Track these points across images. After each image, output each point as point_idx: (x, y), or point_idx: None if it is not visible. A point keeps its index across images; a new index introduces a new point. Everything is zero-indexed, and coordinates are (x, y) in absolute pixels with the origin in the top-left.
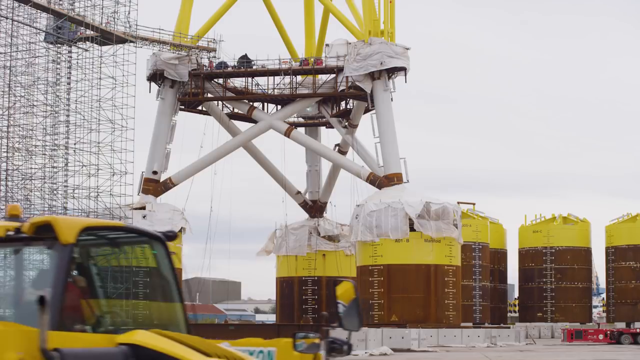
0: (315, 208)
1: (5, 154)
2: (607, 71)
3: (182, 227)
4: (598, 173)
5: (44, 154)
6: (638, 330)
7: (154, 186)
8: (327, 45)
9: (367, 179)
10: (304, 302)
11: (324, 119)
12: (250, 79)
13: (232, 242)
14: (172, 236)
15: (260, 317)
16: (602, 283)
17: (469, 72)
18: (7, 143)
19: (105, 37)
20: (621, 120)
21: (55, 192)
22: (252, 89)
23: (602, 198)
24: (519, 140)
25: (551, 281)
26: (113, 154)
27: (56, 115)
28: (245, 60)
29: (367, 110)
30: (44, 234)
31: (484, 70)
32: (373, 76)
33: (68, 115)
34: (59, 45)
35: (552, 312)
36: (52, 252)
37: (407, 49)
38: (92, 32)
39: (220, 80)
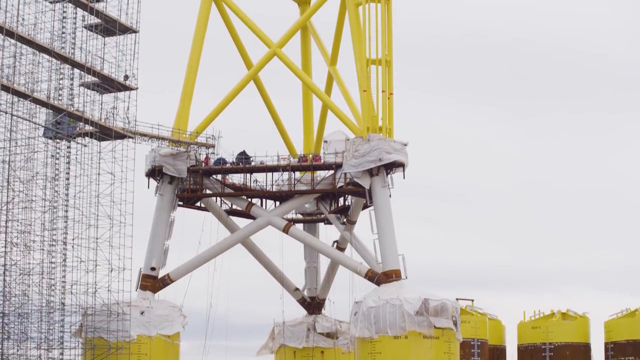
0: (313, 305)
1: (3, 249)
2: (608, 165)
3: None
4: (596, 268)
5: (43, 249)
6: None
7: (152, 282)
8: (325, 141)
9: (365, 275)
10: None
11: (323, 216)
12: (248, 175)
13: (230, 339)
14: None
15: None
16: None
17: (467, 167)
18: (6, 238)
19: (104, 133)
20: (619, 215)
21: (53, 287)
22: (250, 186)
23: (601, 293)
24: (517, 236)
25: None
26: (111, 249)
27: (55, 210)
28: (243, 156)
29: (365, 207)
30: None
31: (482, 166)
32: (371, 172)
33: (67, 211)
34: (58, 140)
35: None
36: None
37: (405, 144)
38: (91, 128)
39: (219, 177)
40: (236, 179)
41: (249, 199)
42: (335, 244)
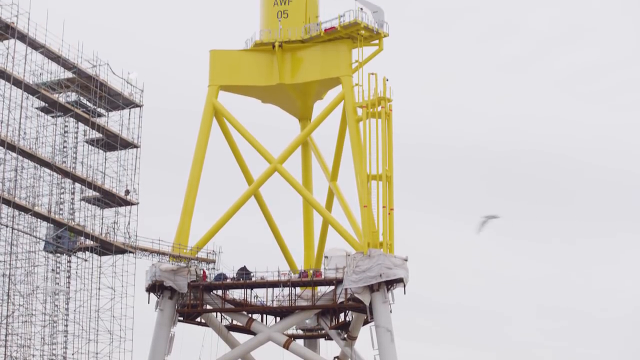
0: None
1: None
2: (601, 281)
3: None
4: None
5: None
6: None
7: None
8: (326, 257)
9: None
10: None
11: (323, 331)
12: (249, 290)
13: None
14: None
15: None
16: None
17: (468, 283)
18: (5, 352)
19: (105, 248)
20: (614, 331)
21: None
22: (251, 301)
23: None
24: (518, 352)
25: None
26: None
27: (55, 325)
28: (244, 272)
29: (366, 322)
30: None
31: (483, 281)
32: (372, 288)
33: (67, 325)
34: (58, 254)
35: None
36: None
37: (406, 259)
38: (91, 242)
39: (219, 292)
40: (237, 294)
41: (250, 315)
42: None
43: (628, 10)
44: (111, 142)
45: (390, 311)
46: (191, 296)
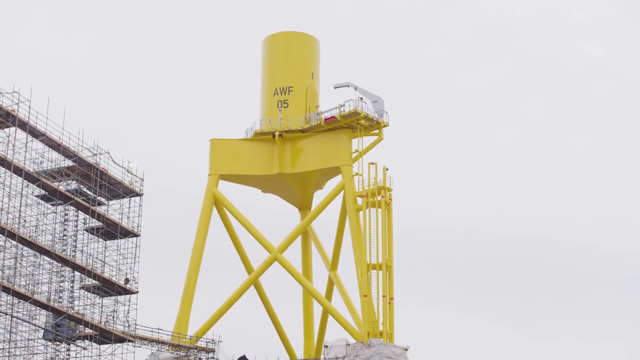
0: None
1: None
2: None
3: None
4: None
5: None
6: None
7: None
8: (325, 346)
9: None
10: None
11: None
12: None
13: None
14: None
15: None
16: None
17: None
18: None
19: (104, 336)
20: None
21: None
22: None
23: None
24: None
25: None
26: None
27: None
28: None
29: None
30: None
31: None
32: None
33: None
34: (57, 343)
35: None
36: None
37: (406, 349)
38: (91, 331)
39: None
40: None
41: None
42: None
43: (628, 94)
44: (111, 230)
45: None
46: None
